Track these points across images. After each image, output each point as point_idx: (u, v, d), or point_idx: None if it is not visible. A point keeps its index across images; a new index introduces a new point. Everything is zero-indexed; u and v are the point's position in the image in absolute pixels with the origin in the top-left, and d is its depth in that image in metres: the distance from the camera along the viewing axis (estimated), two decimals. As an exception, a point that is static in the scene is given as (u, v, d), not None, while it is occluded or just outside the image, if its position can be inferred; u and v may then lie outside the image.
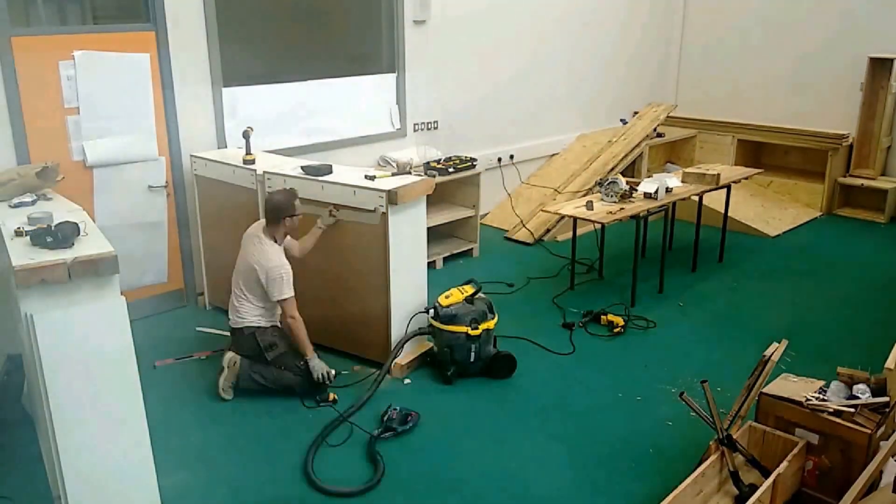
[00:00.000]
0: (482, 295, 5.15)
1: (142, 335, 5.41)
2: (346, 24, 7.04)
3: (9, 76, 5.02)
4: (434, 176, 6.73)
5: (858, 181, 8.84)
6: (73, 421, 3.55)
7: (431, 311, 5.08)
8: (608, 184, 6.34)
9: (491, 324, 5.04)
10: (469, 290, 5.10)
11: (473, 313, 4.98)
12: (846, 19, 8.98)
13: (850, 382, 3.89)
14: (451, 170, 7.04)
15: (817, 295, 6.53)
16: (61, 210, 4.17)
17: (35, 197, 4.44)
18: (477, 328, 4.95)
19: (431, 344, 5.37)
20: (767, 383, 3.87)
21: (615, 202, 6.23)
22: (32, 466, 4.05)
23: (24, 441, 4.27)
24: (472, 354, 5.00)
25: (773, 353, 3.81)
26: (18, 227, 3.79)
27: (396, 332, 5.12)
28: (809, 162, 9.27)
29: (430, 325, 5.10)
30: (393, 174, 5.28)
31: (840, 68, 9.05)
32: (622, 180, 6.39)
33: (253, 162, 5.58)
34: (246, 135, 5.63)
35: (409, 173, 5.87)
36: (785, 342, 3.91)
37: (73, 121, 5.37)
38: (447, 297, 5.06)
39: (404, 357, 5.19)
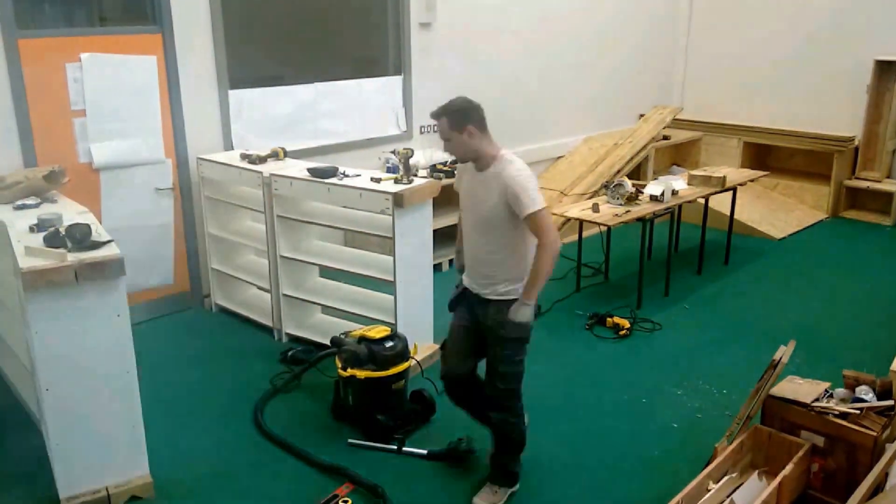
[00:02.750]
0: (390, 345, 4.47)
1: (146, 337, 5.47)
2: (353, 26, 7.04)
3: (16, 78, 5.04)
4: (440, 178, 6.73)
5: (864, 184, 8.82)
6: (71, 420, 3.60)
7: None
8: (614, 186, 6.35)
9: (361, 374, 4.38)
10: (378, 332, 4.54)
11: (348, 353, 4.46)
12: (852, 22, 8.96)
13: (855, 385, 3.89)
14: (456, 172, 7.02)
15: (823, 297, 6.52)
16: (69, 212, 4.20)
17: (39, 200, 4.46)
18: (345, 370, 4.44)
19: (438, 346, 5.38)
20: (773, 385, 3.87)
21: (621, 205, 6.23)
22: (35, 469, 4.06)
23: (27, 443, 4.30)
24: (350, 398, 4.52)
25: (782, 356, 3.81)
26: (31, 226, 3.82)
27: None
28: (815, 164, 9.26)
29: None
30: (401, 174, 5.26)
31: (846, 71, 9.04)
32: (628, 183, 6.39)
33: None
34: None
35: (416, 175, 5.87)
36: (792, 343, 3.91)
37: (80, 123, 5.39)
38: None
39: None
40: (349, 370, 4.41)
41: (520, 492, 3.95)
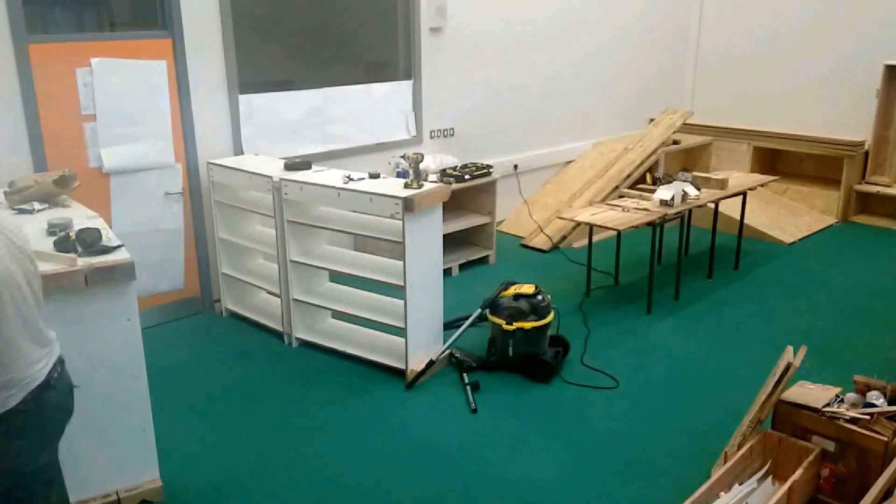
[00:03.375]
0: (541, 298, 5.24)
1: (156, 342, 5.50)
2: (363, 31, 7.07)
3: (26, 83, 5.07)
4: (450, 183, 6.73)
5: (874, 188, 8.79)
6: (81, 424, 3.60)
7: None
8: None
9: (527, 325, 5.14)
10: (528, 288, 5.29)
11: (512, 309, 5.17)
12: (862, 27, 8.95)
13: (865, 390, 3.88)
14: (466, 177, 7.05)
15: (833, 302, 6.50)
16: (79, 216, 4.21)
17: (46, 205, 4.46)
18: (511, 324, 5.14)
19: (450, 351, 5.40)
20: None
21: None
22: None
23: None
24: (510, 349, 5.20)
25: (796, 360, 3.80)
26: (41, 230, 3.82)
27: (413, 340, 5.14)
28: (825, 169, 9.24)
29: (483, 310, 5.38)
30: (411, 179, 5.26)
31: (856, 75, 9.02)
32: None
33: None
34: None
35: (426, 179, 5.88)
36: (803, 349, 3.90)
37: (90, 127, 5.41)
38: (508, 288, 5.35)
39: (421, 364, 5.20)
40: (515, 324, 5.15)
41: (527, 497, 3.95)
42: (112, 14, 5.66)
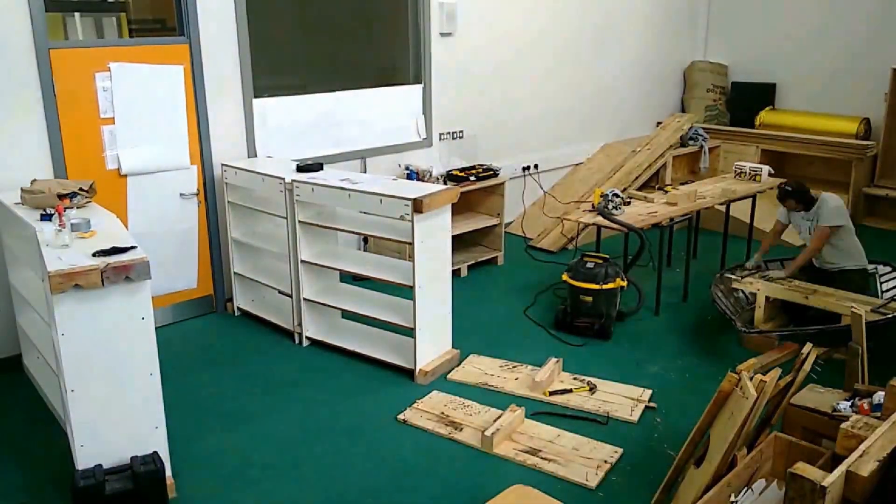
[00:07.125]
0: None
1: (170, 340, 5.55)
2: (374, 36, 7.13)
3: (47, 88, 5.15)
4: (458, 185, 6.77)
5: (883, 191, 8.80)
6: (95, 421, 3.69)
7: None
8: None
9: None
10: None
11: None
12: (870, 30, 8.98)
13: (866, 396, 3.88)
14: (472, 178, 7.09)
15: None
16: (97, 217, 4.27)
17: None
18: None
19: (457, 351, 5.44)
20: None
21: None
22: (60, 468, 4.13)
23: (53, 442, 4.37)
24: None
25: (806, 356, 3.81)
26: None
27: (421, 339, 5.18)
28: (834, 172, 9.24)
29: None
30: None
31: (864, 79, 9.05)
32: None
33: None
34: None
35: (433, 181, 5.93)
36: (815, 351, 3.91)
37: (109, 130, 5.49)
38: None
39: (429, 364, 5.25)
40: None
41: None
42: (131, 21, 5.78)
